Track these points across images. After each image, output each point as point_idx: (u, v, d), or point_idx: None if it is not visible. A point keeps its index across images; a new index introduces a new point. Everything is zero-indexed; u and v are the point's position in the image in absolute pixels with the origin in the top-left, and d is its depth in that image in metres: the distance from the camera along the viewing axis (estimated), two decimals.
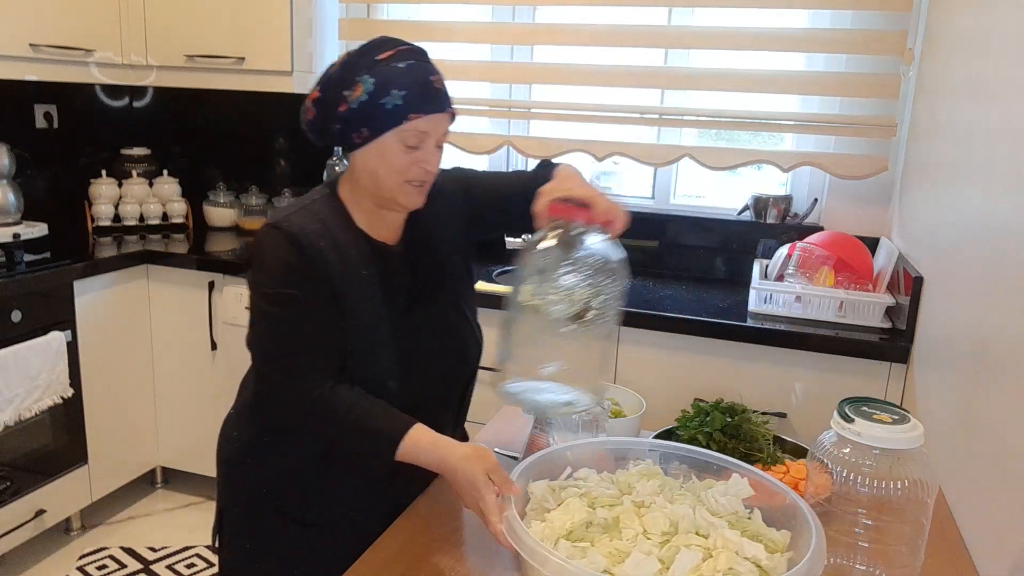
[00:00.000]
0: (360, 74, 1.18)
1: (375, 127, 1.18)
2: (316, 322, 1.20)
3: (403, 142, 1.19)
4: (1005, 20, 1.50)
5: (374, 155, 1.21)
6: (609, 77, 2.70)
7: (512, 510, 1.00)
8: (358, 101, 1.18)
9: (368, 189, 1.25)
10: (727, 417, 1.51)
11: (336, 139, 1.23)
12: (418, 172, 1.22)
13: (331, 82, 1.21)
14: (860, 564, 1.05)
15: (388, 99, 1.17)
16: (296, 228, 1.21)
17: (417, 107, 1.18)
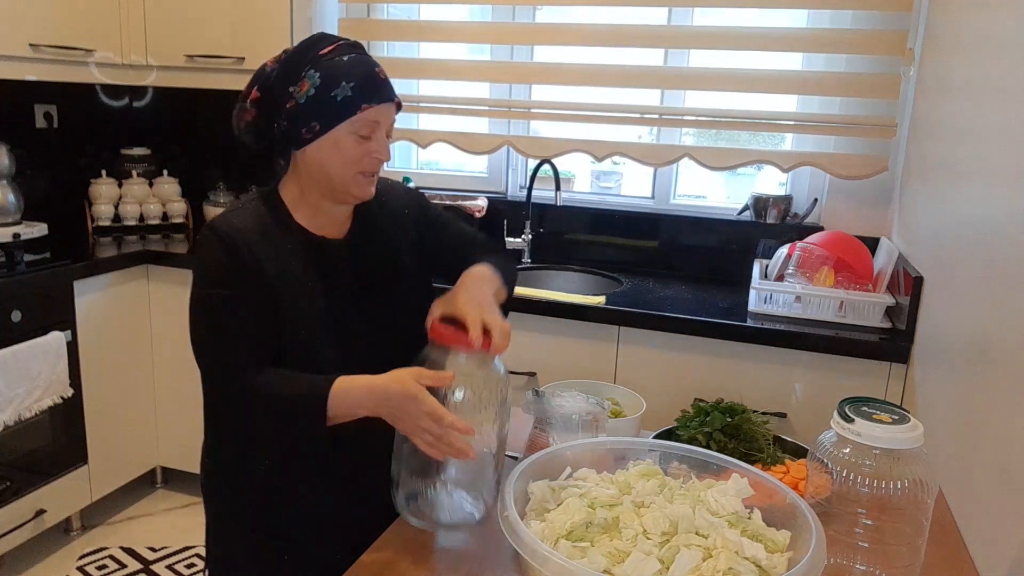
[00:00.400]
0: (304, 69, 1.19)
1: (327, 120, 1.19)
2: (244, 320, 1.20)
3: (356, 133, 1.21)
4: (1005, 20, 1.50)
5: (327, 148, 1.21)
6: (609, 77, 2.70)
7: (512, 510, 1.00)
8: (306, 96, 1.18)
9: (318, 184, 1.25)
10: (727, 417, 1.51)
11: (280, 138, 1.23)
12: (371, 162, 1.24)
13: (271, 80, 1.21)
14: (860, 564, 1.05)
15: (339, 91, 1.18)
16: (229, 227, 1.21)
17: (369, 97, 1.19)
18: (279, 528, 1.32)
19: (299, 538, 1.32)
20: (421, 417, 1.10)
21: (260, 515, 1.33)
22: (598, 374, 2.31)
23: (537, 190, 2.90)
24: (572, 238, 2.93)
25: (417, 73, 2.89)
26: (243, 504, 1.34)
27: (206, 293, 1.21)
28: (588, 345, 2.32)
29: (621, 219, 2.88)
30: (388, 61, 2.95)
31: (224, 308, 1.20)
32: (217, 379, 1.22)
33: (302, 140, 1.21)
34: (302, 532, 1.32)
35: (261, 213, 1.26)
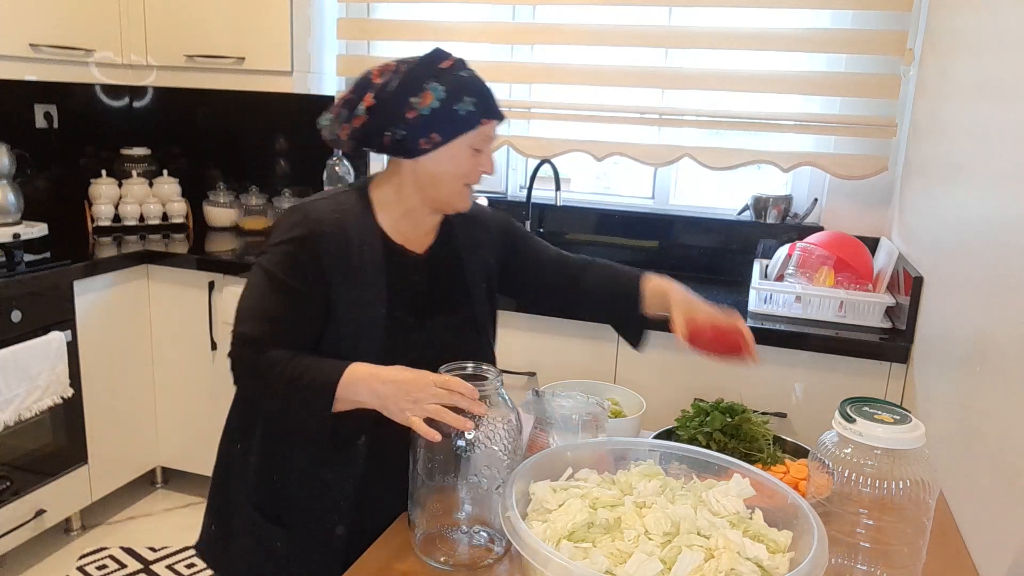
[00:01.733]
0: (428, 82, 1.23)
1: (448, 133, 1.24)
2: (288, 305, 1.23)
3: (472, 146, 1.26)
4: (1005, 20, 1.50)
5: (444, 159, 1.26)
6: (609, 77, 2.70)
7: (514, 511, 1.00)
8: (429, 107, 1.22)
9: (424, 192, 1.29)
10: (727, 417, 1.52)
11: (393, 145, 1.25)
12: (477, 175, 1.30)
13: (391, 91, 1.24)
14: (861, 564, 1.05)
15: (461, 105, 1.23)
16: (315, 213, 1.26)
17: (488, 112, 1.26)
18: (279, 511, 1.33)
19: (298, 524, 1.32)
20: (427, 385, 1.12)
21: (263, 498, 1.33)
22: (598, 374, 2.31)
23: (537, 190, 2.90)
24: (572, 238, 2.93)
25: None
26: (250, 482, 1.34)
27: (265, 266, 1.25)
28: (588, 345, 2.32)
29: (621, 219, 2.88)
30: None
31: (276, 288, 1.24)
32: (235, 347, 1.24)
33: (419, 150, 1.24)
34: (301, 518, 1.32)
35: (349, 208, 1.29)
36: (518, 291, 1.57)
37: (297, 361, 1.20)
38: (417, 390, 1.13)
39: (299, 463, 1.30)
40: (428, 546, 1.17)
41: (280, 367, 1.19)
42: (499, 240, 1.49)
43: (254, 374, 1.23)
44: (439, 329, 1.34)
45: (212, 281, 2.70)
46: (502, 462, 1.16)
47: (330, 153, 3.04)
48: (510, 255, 1.51)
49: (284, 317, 1.23)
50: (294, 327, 1.24)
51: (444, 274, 1.38)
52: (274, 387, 1.21)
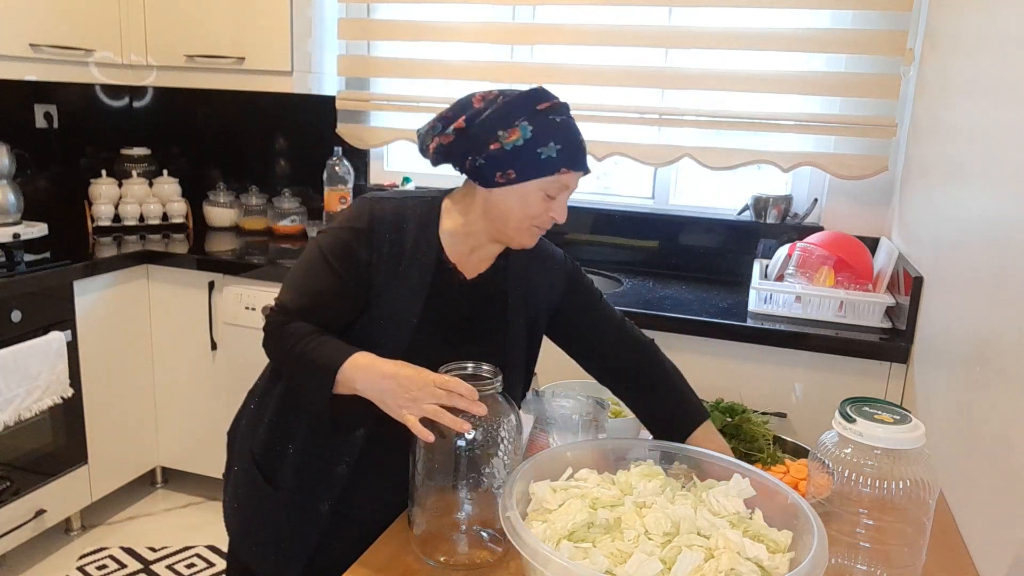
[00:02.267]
0: (519, 119, 1.23)
1: (524, 173, 1.24)
2: (329, 288, 1.27)
3: (544, 191, 1.26)
4: (1005, 20, 1.50)
5: (514, 197, 1.26)
6: (609, 77, 2.70)
7: (514, 511, 1.00)
8: (513, 144, 1.22)
9: (490, 223, 1.30)
10: (727, 417, 1.52)
11: (472, 170, 1.27)
12: (547, 220, 1.29)
13: (483, 119, 1.24)
14: (861, 564, 1.05)
15: (544, 150, 1.23)
16: (379, 209, 1.30)
17: (570, 163, 1.25)
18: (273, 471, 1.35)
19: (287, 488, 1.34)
20: (427, 384, 1.13)
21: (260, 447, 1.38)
22: None
23: None
24: (572, 238, 2.93)
25: (417, 73, 2.89)
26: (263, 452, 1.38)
27: (320, 243, 1.29)
28: None
29: (621, 219, 2.88)
30: (388, 61, 2.95)
31: (324, 269, 1.27)
32: (271, 312, 1.29)
33: (494, 182, 1.25)
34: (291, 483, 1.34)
35: (417, 213, 1.32)
36: (569, 339, 1.50)
37: (313, 337, 1.24)
38: (416, 388, 1.13)
39: (302, 435, 1.33)
40: (428, 546, 1.17)
41: (297, 338, 1.24)
42: (559, 285, 1.45)
43: (277, 339, 1.27)
44: (464, 356, 1.30)
45: (212, 281, 2.70)
46: (502, 462, 1.16)
47: (330, 153, 3.04)
48: (567, 300, 1.46)
49: (322, 297, 1.27)
50: (328, 309, 1.28)
51: (486, 304, 1.37)
52: (288, 355, 1.25)
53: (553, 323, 1.47)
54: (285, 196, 3.17)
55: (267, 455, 1.37)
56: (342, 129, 3.03)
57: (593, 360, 1.48)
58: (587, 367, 1.50)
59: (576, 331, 1.48)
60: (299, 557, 1.33)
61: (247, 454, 1.41)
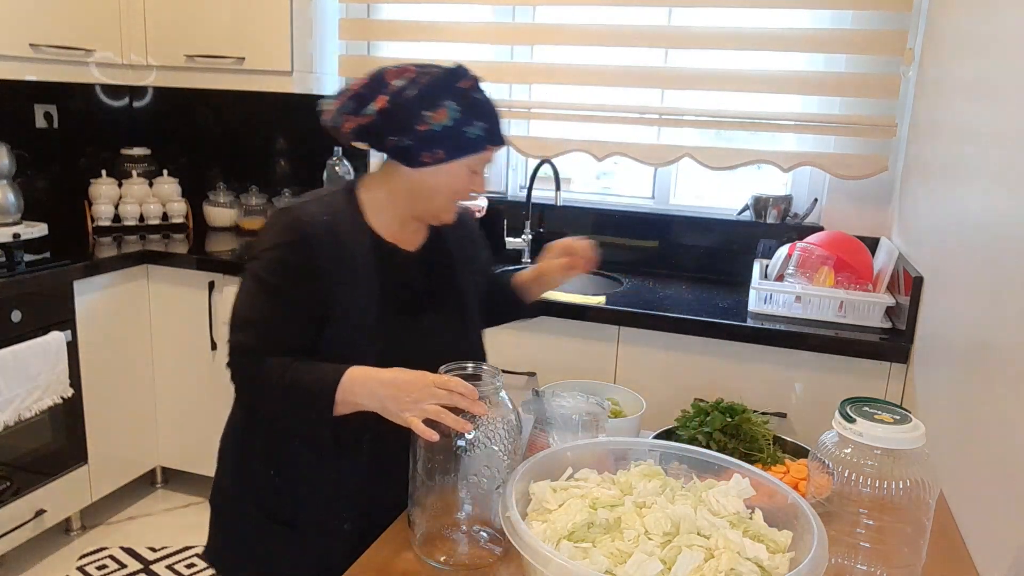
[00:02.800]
0: (445, 99, 1.24)
1: (453, 152, 1.26)
2: (284, 310, 1.24)
3: (470, 167, 1.29)
4: (1005, 20, 1.50)
5: (442, 176, 1.28)
6: (609, 77, 2.70)
7: (514, 511, 1.00)
8: (441, 125, 1.23)
9: (416, 202, 1.32)
10: (727, 417, 1.51)
11: (396, 150, 1.27)
12: (468, 193, 1.33)
13: (406, 99, 1.24)
14: (861, 564, 1.05)
15: (471, 129, 1.25)
16: (305, 216, 1.26)
17: (493, 140, 1.29)
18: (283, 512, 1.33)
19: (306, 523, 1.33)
20: (427, 386, 1.13)
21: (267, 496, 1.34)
22: (598, 374, 2.31)
23: (537, 190, 2.90)
24: None
25: None
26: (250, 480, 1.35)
27: (257, 271, 1.25)
28: (588, 345, 2.32)
29: (621, 219, 2.88)
30: (388, 61, 2.94)
31: (271, 293, 1.24)
32: (233, 355, 1.25)
33: (420, 162, 1.26)
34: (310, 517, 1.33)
35: (339, 208, 1.30)
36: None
37: (295, 367, 1.21)
38: (416, 391, 1.13)
39: (304, 461, 1.31)
40: (428, 546, 1.17)
41: (278, 374, 1.20)
42: (480, 241, 1.54)
43: (253, 383, 1.24)
44: (433, 326, 1.35)
45: (212, 281, 2.70)
46: (502, 462, 1.16)
47: (330, 153, 3.04)
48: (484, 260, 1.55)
49: (279, 322, 1.24)
50: (290, 331, 1.24)
51: (436, 272, 1.40)
52: (273, 394, 1.21)
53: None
54: (285, 196, 3.17)
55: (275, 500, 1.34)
56: None
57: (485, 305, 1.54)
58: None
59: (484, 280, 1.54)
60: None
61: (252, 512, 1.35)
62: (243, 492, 1.37)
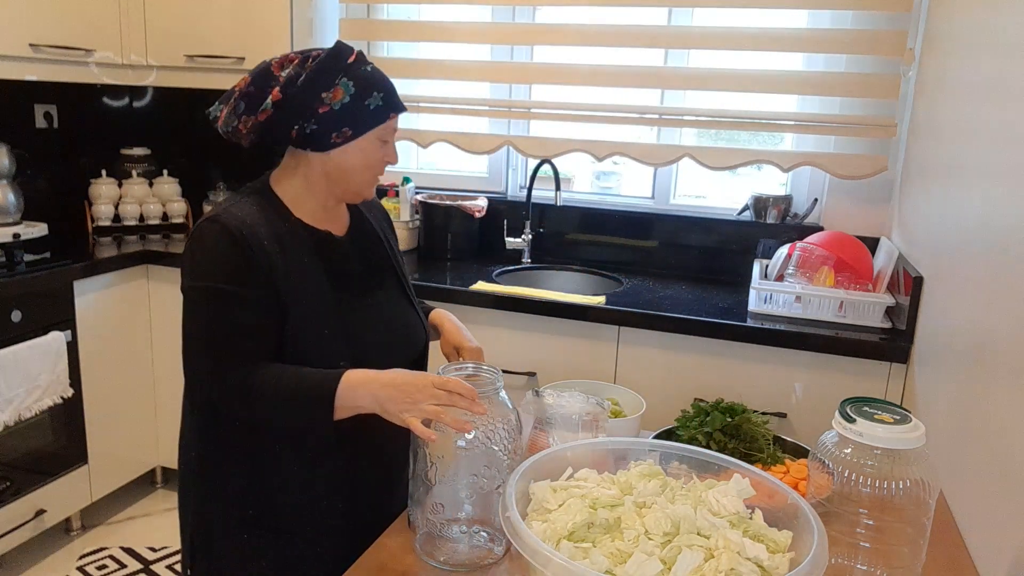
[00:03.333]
0: (338, 77, 1.24)
1: (359, 127, 1.26)
2: (248, 315, 1.21)
3: (380, 139, 1.30)
4: (1005, 20, 1.50)
5: (355, 153, 1.28)
6: (609, 77, 2.70)
7: (514, 511, 1.00)
8: (340, 103, 1.24)
9: (334, 184, 1.31)
10: (727, 417, 1.51)
11: (302, 138, 1.26)
12: (383, 166, 1.34)
13: (300, 85, 1.23)
14: (861, 564, 1.05)
15: (371, 100, 1.26)
16: (236, 221, 1.22)
17: (394, 106, 1.30)
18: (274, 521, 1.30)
19: (296, 532, 1.31)
20: (426, 387, 1.13)
21: (254, 509, 1.30)
22: (598, 374, 2.31)
23: (537, 190, 2.90)
24: (572, 238, 2.93)
25: (417, 73, 2.89)
26: (234, 498, 1.30)
27: (208, 285, 1.20)
28: (588, 345, 2.32)
29: (621, 219, 2.88)
30: (388, 61, 2.95)
31: (227, 303, 1.20)
32: (208, 373, 1.20)
33: (330, 143, 1.26)
34: (299, 526, 1.31)
35: (262, 206, 1.28)
36: None
37: (287, 376, 1.19)
38: (416, 391, 1.13)
39: (289, 464, 1.28)
40: (428, 546, 1.17)
41: (272, 387, 1.18)
42: (390, 222, 1.57)
43: (247, 406, 1.20)
44: (382, 304, 1.38)
45: None
46: (502, 462, 1.16)
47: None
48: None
49: (244, 329, 1.20)
50: (257, 336, 1.21)
51: (370, 252, 1.43)
52: (270, 411, 1.20)
53: None
54: None
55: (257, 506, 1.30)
56: None
57: None
58: None
59: None
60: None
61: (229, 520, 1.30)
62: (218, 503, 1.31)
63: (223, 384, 1.20)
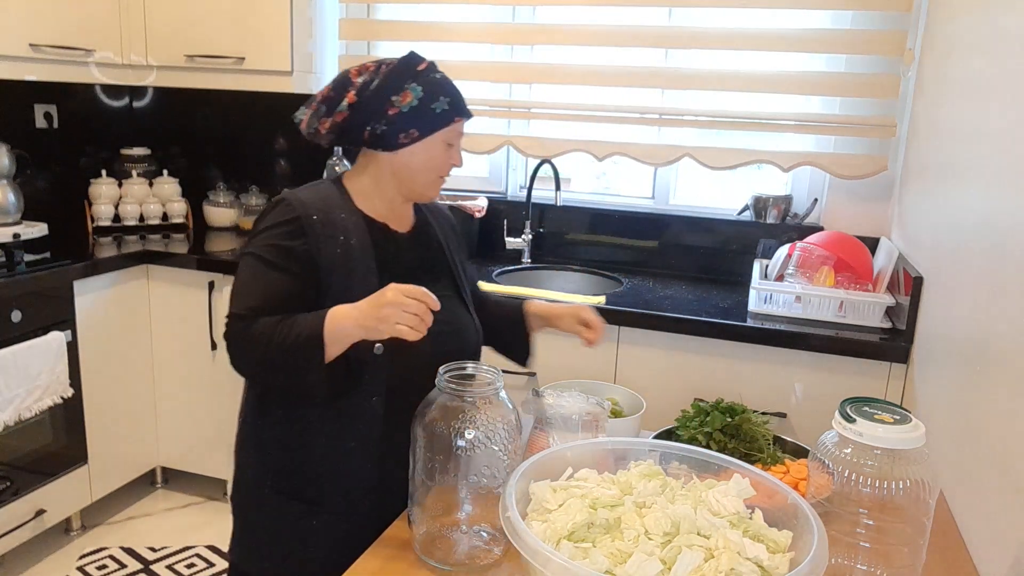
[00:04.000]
0: (408, 82, 1.34)
1: (425, 128, 1.36)
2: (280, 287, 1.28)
3: (445, 141, 1.39)
4: (1005, 20, 1.50)
5: (420, 153, 1.37)
6: (609, 77, 2.70)
7: (514, 511, 1.00)
8: (409, 106, 1.34)
9: (401, 183, 1.40)
10: (727, 417, 1.52)
11: (373, 138, 1.35)
12: (448, 168, 1.42)
13: (373, 89, 1.34)
14: (861, 564, 1.05)
15: (437, 104, 1.35)
16: (298, 201, 1.33)
17: (460, 111, 1.39)
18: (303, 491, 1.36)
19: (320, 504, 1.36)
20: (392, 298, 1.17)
21: (283, 478, 1.37)
22: (598, 374, 2.31)
23: (537, 190, 2.90)
24: (572, 238, 2.93)
25: None
26: (267, 466, 1.39)
27: (257, 252, 1.31)
28: None
29: (621, 219, 2.88)
30: None
31: (271, 270, 1.29)
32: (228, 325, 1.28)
33: (398, 144, 1.35)
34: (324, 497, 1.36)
35: (329, 194, 1.38)
36: None
37: (283, 322, 1.24)
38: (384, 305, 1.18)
39: (320, 439, 1.35)
40: (428, 546, 1.17)
41: (269, 332, 1.24)
42: (458, 231, 1.62)
43: (245, 344, 1.27)
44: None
45: (212, 281, 2.70)
46: (502, 462, 1.16)
47: (330, 153, 3.04)
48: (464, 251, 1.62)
49: (274, 298, 1.28)
50: (282, 308, 1.27)
51: (429, 251, 1.49)
52: (267, 350, 1.24)
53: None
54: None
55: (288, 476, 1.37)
56: None
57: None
58: None
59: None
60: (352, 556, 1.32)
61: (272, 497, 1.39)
62: (262, 479, 1.40)
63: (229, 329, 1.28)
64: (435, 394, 1.18)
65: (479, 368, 1.21)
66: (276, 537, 1.40)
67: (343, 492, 1.36)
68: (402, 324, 1.17)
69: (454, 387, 1.15)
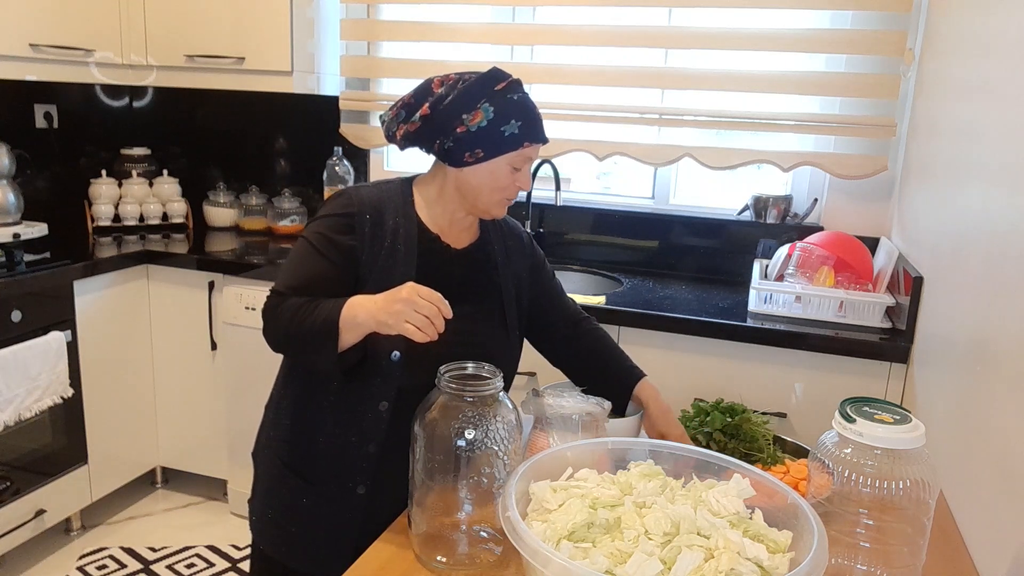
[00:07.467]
0: (481, 101, 1.33)
1: (491, 150, 1.33)
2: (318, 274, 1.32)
3: (511, 165, 1.36)
4: (1005, 20, 1.50)
5: (483, 173, 1.35)
6: (609, 77, 2.70)
7: (514, 511, 1.00)
8: (478, 126, 1.32)
9: (464, 199, 1.39)
10: (727, 417, 1.52)
11: (441, 152, 1.36)
12: (515, 190, 1.39)
13: (446, 105, 1.32)
14: (861, 564, 1.05)
15: (507, 127, 1.33)
16: (358, 195, 1.37)
17: (531, 136, 1.35)
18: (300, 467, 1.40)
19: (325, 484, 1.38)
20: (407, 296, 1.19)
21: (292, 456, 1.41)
22: None
23: (537, 190, 2.90)
24: (572, 238, 2.93)
25: (417, 73, 2.89)
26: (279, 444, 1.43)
27: (308, 239, 1.35)
28: None
29: (621, 219, 2.88)
30: (388, 61, 2.95)
31: (316, 255, 1.33)
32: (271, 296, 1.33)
33: (463, 162, 1.34)
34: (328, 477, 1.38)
35: (393, 196, 1.40)
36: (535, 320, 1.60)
37: (309, 303, 1.28)
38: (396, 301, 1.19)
39: (327, 426, 1.37)
40: (428, 546, 1.17)
41: (295, 309, 1.28)
42: (528, 254, 1.58)
43: (275, 318, 1.31)
44: (464, 318, 1.34)
45: (212, 281, 2.70)
46: (502, 462, 1.16)
47: (330, 153, 3.04)
48: (533, 274, 1.57)
49: (313, 282, 1.32)
50: (320, 293, 1.31)
51: (479, 270, 1.46)
52: (290, 325, 1.28)
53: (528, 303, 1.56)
54: (285, 196, 3.17)
55: (295, 454, 1.41)
56: (345, 129, 3.04)
57: (553, 344, 1.60)
58: (545, 350, 1.62)
59: (534, 307, 1.57)
60: (347, 546, 1.37)
61: (276, 463, 1.44)
62: (270, 443, 1.45)
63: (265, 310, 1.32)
64: (435, 394, 1.18)
65: (479, 368, 1.21)
66: (280, 503, 1.43)
67: (336, 478, 1.37)
68: (411, 323, 1.17)
69: (454, 387, 1.15)
